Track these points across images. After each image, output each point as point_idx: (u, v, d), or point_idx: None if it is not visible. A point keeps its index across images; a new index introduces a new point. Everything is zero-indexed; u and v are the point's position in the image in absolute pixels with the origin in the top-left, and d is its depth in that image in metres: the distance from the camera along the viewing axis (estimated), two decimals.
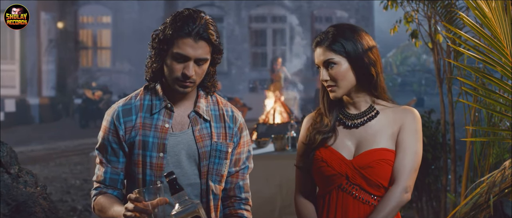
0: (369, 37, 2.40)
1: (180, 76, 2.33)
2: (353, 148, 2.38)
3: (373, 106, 2.41)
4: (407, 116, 2.38)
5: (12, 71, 17.28)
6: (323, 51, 2.35)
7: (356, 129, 2.39)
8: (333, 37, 2.34)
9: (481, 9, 2.61)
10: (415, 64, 23.05)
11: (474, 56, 2.80)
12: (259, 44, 19.70)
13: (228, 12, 19.23)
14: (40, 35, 17.62)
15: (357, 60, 2.33)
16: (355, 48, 2.32)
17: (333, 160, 2.37)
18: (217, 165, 2.45)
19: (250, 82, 18.78)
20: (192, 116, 2.45)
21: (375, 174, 2.32)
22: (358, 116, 2.41)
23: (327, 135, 2.40)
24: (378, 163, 2.32)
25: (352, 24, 2.45)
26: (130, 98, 2.49)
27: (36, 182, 2.01)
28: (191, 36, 2.30)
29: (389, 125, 2.37)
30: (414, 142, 2.34)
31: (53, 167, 9.96)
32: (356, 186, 2.35)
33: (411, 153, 2.33)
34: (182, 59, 2.32)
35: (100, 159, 2.45)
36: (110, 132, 2.42)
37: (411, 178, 2.33)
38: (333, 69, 2.34)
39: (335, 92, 2.37)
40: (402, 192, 2.30)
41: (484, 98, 3.37)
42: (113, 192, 2.43)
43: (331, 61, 2.34)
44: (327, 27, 2.43)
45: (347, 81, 2.34)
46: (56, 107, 17.87)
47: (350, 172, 2.34)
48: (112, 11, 19.14)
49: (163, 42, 2.34)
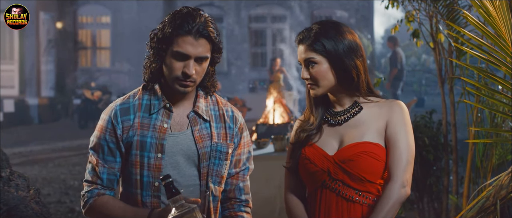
0: (354, 36, 2.36)
1: (180, 75, 2.28)
2: (337, 144, 2.36)
3: (357, 103, 2.38)
4: (393, 109, 2.33)
5: (11, 71, 17.22)
6: (304, 49, 2.34)
7: (340, 126, 2.37)
8: (315, 36, 2.32)
9: (486, 8, 2.56)
10: (415, 64, 23.04)
11: (477, 55, 2.75)
12: (259, 44, 19.65)
13: (228, 12, 19.18)
14: (39, 35, 17.57)
15: (337, 61, 2.30)
16: (336, 48, 2.30)
17: (316, 156, 2.35)
18: (217, 166, 2.40)
19: (250, 83, 18.74)
20: (191, 116, 2.40)
21: (356, 167, 2.28)
22: (341, 113, 2.39)
23: (311, 132, 2.39)
24: (359, 156, 2.28)
25: (338, 22, 2.40)
26: (128, 97, 2.44)
27: (28, 185, 1.96)
28: (191, 34, 2.26)
29: (374, 119, 2.34)
30: (404, 134, 2.30)
31: (51, 167, 9.91)
32: (338, 182, 2.31)
33: (404, 146, 2.28)
34: (182, 58, 2.27)
35: (95, 159, 2.38)
36: (107, 131, 2.37)
37: (407, 171, 2.28)
38: (313, 69, 2.33)
39: (315, 91, 2.37)
40: (400, 187, 2.25)
41: (487, 98, 3.32)
42: (110, 193, 2.38)
43: (312, 60, 2.33)
44: (312, 24, 2.40)
45: (327, 81, 2.33)
46: (55, 107, 17.82)
47: (332, 167, 2.31)
48: (111, 11, 19.09)
49: (162, 41, 2.30)
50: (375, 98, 2.39)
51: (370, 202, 2.31)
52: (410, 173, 2.29)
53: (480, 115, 4.49)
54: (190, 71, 2.27)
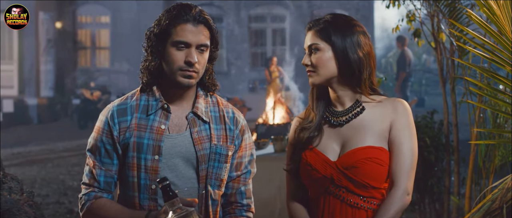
0: (364, 35, 2.30)
1: (183, 65, 2.24)
2: (338, 148, 2.29)
3: (359, 102, 2.31)
4: (398, 110, 2.27)
5: (10, 71, 17.18)
6: (311, 35, 2.30)
7: (341, 127, 2.31)
8: (324, 24, 2.28)
9: (490, 6, 2.52)
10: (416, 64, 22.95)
11: (481, 54, 2.71)
12: (259, 44, 19.60)
13: (228, 12, 19.14)
14: (39, 35, 17.51)
15: (342, 52, 2.25)
16: (342, 39, 2.25)
17: (317, 162, 2.28)
18: (216, 169, 2.34)
19: (250, 82, 18.68)
20: (190, 117, 2.34)
21: (360, 174, 2.22)
22: (342, 113, 2.32)
23: (312, 134, 2.32)
24: (363, 163, 2.21)
25: (351, 17, 2.36)
26: (126, 98, 2.39)
27: (21, 188, 1.91)
28: (190, 21, 2.24)
29: (377, 121, 2.27)
30: (408, 138, 2.24)
31: (50, 168, 9.86)
32: (342, 188, 2.25)
33: (407, 151, 2.23)
34: (183, 46, 2.23)
35: (93, 161, 2.33)
36: (104, 132, 2.32)
37: (410, 178, 2.23)
38: (316, 55, 2.28)
39: (312, 78, 2.31)
40: (403, 194, 2.20)
41: (490, 98, 3.27)
42: (108, 195, 2.34)
43: (316, 46, 2.28)
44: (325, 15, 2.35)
45: (327, 70, 2.27)
46: (54, 108, 17.77)
47: (335, 174, 2.25)
48: (110, 11, 19.04)
49: (159, 35, 2.26)
50: (378, 97, 2.33)
51: (375, 207, 2.26)
52: (412, 180, 2.25)
53: (482, 115, 4.45)
54: (194, 58, 2.23)
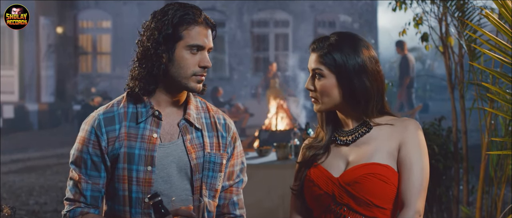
0: (371, 55, 2.15)
1: (198, 70, 2.11)
2: (344, 165, 2.16)
3: (366, 121, 2.17)
4: (408, 129, 2.13)
5: (10, 77, 17.08)
6: (315, 59, 2.17)
7: (347, 146, 2.18)
8: (328, 48, 2.14)
9: (507, 6, 2.36)
10: (420, 69, 22.81)
11: (497, 57, 2.55)
12: (261, 49, 19.46)
13: (230, 17, 19.01)
14: (39, 40, 17.40)
15: (347, 81, 2.11)
16: (346, 65, 2.11)
17: (320, 178, 2.16)
18: (211, 179, 2.20)
19: (252, 88, 18.53)
20: (182, 124, 2.19)
21: (362, 190, 2.07)
22: (349, 133, 2.20)
23: (318, 151, 2.21)
24: (365, 178, 2.07)
25: (358, 36, 2.19)
26: (111, 105, 2.22)
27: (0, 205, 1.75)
28: (203, 24, 2.12)
29: (385, 140, 2.13)
30: (419, 157, 2.10)
31: (49, 175, 9.71)
32: (344, 206, 2.11)
33: (418, 171, 2.09)
34: (196, 49, 2.10)
35: (78, 175, 2.16)
36: (90, 143, 2.16)
37: (421, 199, 2.09)
38: (319, 81, 2.15)
39: (317, 106, 2.20)
40: (414, 216, 2.06)
41: (505, 103, 3.10)
42: (95, 211, 2.17)
43: (319, 72, 2.15)
44: (332, 33, 2.21)
45: (330, 98, 2.15)
46: (55, 113, 17.64)
47: (337, 190, 2.11)
48: (112, 16, 18.92)
49: (166, 40, 2.09)
50: (387, 117, 2.19)
51: None
52: (424, 201, 2.11)
53: (493, 122, 4.28)
54: (209, 63, 2.13)
